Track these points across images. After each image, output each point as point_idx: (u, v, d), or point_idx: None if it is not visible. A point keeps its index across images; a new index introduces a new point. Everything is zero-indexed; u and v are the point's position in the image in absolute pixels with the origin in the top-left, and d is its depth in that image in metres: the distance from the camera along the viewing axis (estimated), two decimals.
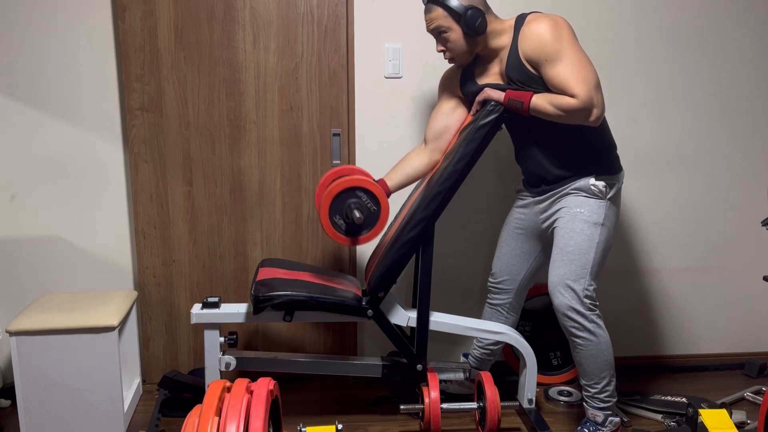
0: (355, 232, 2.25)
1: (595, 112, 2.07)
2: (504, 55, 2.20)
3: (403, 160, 2.44)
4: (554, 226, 2.29)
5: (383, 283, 2.28)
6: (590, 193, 2.22)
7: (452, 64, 2.35)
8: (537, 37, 2.09)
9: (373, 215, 2.24)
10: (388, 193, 2.36)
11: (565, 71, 2.05)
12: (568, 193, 2.25)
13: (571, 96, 2.05)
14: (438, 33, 2.21)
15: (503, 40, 2.20)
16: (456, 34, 2.18)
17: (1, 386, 2.71)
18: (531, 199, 2.40)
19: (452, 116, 2.39)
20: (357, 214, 2.15)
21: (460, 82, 2.37)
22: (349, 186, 2.20)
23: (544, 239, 2.44)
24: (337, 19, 2.67)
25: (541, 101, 2.11)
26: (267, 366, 2.40)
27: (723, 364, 3.02)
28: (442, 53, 2.28)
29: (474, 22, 2.13)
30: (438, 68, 2.63)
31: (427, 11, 2.21)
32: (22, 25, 2.60)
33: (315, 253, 2.85)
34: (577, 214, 2.22)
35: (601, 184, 2.21)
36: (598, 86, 2.08)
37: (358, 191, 2.22)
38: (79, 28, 2.63)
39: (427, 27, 2.24)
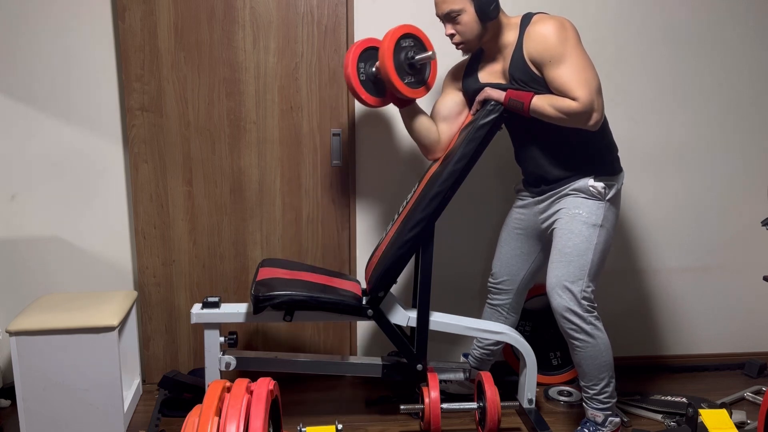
0: (420, 77, 2.35)
1: (595, 117, 2.07)
2: (508, 53, 2.20)
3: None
4: (553, 226, 2.29)
5: (383, 283, 2.28)
6: (589, 194, 2.21)
7: (460, 50, 2.29)
8: (542, 38, 2.09)
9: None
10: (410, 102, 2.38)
11: (568, 74, 2.05)
12: (567, 194, 2.25)
13: (573, 99, 2.04)
14: (450, 17, 2.17)
15: (509, 36, 2.19)
16: (468, 15, 2.15)
17: (1, 386, 2.71)
18: (531, 200, 2.40)
19: (453, 110, 2.38)
20: (426, 52, 2.28)
21: (463, 75, 2.36)
22: (404, 32, 2.27)
23: (543, 239, 2.44)
24: (337, 19, 2.67)
25: (541, 102, 2.11)
26: (267, 366, 2.40)
27: (723, 364, 3.02)
28: (450, 37, 2.22)
29: (489, 5, 2.12)
30: (438, 68, 2.62)
31: None
32: (22, 26, 2.60)
33: (315, 253, 2.85)
34: (575, 215, 2.22)
35: (600, 185, 2.21)
36: (599, 91, 2.08)
37: (407, 38, 2.29)
38: (79, 28, 2.63)
39: (439, 11, 2.19)
